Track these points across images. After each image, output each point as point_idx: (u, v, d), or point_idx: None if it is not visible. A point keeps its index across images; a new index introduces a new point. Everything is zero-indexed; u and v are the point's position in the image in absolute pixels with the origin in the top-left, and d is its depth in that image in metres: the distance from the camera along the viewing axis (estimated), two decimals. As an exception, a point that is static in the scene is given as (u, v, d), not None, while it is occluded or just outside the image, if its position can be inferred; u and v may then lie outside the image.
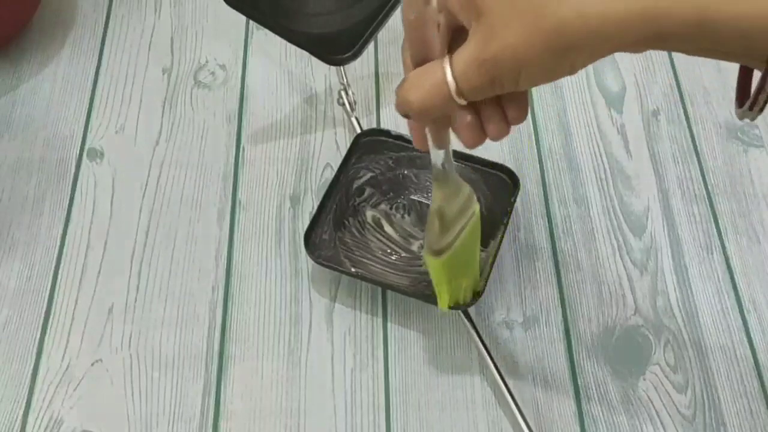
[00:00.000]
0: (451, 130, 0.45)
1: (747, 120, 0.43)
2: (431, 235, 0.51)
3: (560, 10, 0.37)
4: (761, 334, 0.63)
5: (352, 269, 0.62)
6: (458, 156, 0.67)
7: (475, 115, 0.43)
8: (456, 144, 0.45)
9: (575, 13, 0.37)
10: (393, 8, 0.65)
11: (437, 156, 0.47)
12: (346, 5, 0.65)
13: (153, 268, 0.65)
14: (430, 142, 0.46)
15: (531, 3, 0.38)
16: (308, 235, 0.63)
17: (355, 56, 0.65)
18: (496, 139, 0.44)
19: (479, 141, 0.44)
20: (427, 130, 0.45)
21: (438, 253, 0.52)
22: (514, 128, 0.44)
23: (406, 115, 0.42)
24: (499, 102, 0.43)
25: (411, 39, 0.41)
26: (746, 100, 0.40)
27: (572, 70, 0.39)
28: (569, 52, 0.38)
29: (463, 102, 0.40)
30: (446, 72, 0.40)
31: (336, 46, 0.65)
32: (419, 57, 0.41)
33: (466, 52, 0.39)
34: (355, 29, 0.65)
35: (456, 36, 0.41)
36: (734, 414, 0.59)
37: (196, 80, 0.76)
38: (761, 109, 0.40)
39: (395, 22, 0.69)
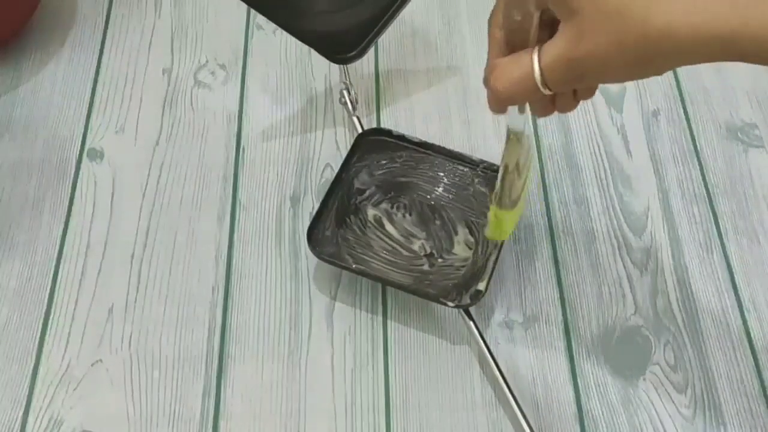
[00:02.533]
0: None
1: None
2: (509, 190, 0.53)
3: (648, 23, 0.39)
4: (761, 334, 0.63)
5: (354, 266, 0.62)
6: (460, 158, 0.67)
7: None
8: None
9: (663, 29, 0.39)
10: (400, 8, 0.65)
11: (516, 121, 0.50)
12: (352, 3, 0.65)
13: (153, 268, 0.65)
14: (510, 112, 0.49)
15: (620, 11, 0.39)
16: (311, 232, 0.63)
17: (359, 55, 0.65)
18: (563, 112, 0.48)
19: (549, 114, 0.48)
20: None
21: (515, 204, 0.54)
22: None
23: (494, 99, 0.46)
24: None
25: (511, 31, 0.44)
26: None
27: (659, 73, 0.42)
28: (656, 60, 0.40)
29: (547, 92, 0.43)
30: (534, 66, 0.42)
31: (341, 45, 0.65)
32: (513, 47, 0.44)
33: (555, 49, 0.41)
34: (361, 28, 0.65)
35: (545, 26, 0.44)
36: (734, 414, 0.59)
37: (196, 80, 0.76)
38: None
39: (399, 22, 0.69)
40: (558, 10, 0.41)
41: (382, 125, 0.73)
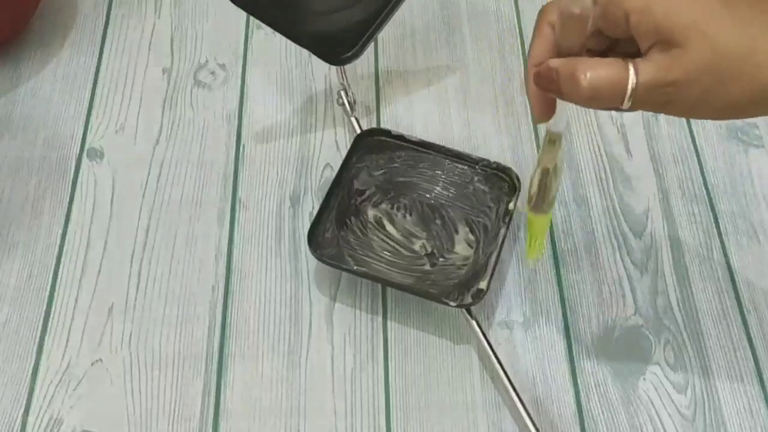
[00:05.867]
0: None
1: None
2: (545, 193, 0.52)
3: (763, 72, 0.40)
4: (761, 334, 0.63)
5: (356, 268, 0.62)
6: (460, 156, 0.67)
7: None
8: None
9: None
10: (395, 8, 0.65)
11: (559, 124, 0.48)
12: (347, 4, 0.65)
13: (153, 268, 0.65)
14: (558, 114, 0.47)
15: (737, 56, 0.40)
16: (311, 234, 0.63)
17: (356, 56, 0.65)
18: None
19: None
20: (559, 102, 0.46)
21: (551, 206, 0.53)
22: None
23: (552, 90, 0.44)
24: None
25: (567, 29, 0.42)
26: None
27: (745, 117, 0.44)
28: (752, 108, 0.42)
29: (628, 106, 0.42)
30: (630, 77, 0.41)
31: (337, 46, 0.65)
32: (567, 49, 0.43)
33: (652, 70, 0.41)
34: (357, 29, 0.65)
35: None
36: (734, 414, 0.59)
37: (196, 80, 0.76)
38: None
39: (398, 22, 0.69)
40: (652, 36, 0.41)
41: (382, 125, 0.73)
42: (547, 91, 0.45)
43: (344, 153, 0.68)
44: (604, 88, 0.42)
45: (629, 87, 0.41)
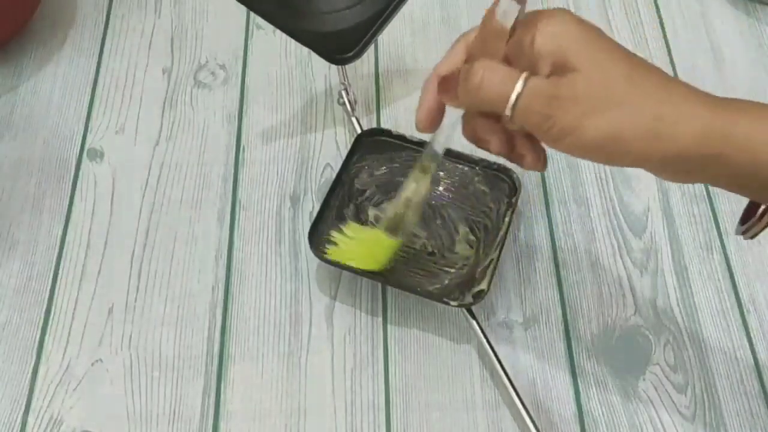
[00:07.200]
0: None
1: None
2: (404, 221, 0.57)
3: (643, 114, 0.41)
4: (761, 334, 0.63)
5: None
6: (460, 157, 0.67)
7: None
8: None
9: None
10: (397, 8, 0.65)
11: (438, 145, 0.51)
12: (350, 4, 0.65)
13: (153, 268, 0.65)
14: (440, 133, 0.50)
15: (625, 92, 0.42)
16: (312, 233, 0.63)
17: (357, 55, 0.65)
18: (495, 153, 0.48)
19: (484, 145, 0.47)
20: (449, 114, 0.49)
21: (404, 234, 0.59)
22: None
23: (449, 91, 0.46)
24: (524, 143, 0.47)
25: (484, 40, 0.45)
26: (749, 220, 0.46)
27: (621, 164, 0.44)
28: (625, 156, 0.43)
29: (508, 114, 0.43)
30: (519, 82, 0.43)
31: (339, 45, 0.65)
32: (479, 55, 0.45)
33: (542, 82, 0.43)
34: (359, 28, 0.65)
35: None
36: (734, 414, 0.59)
37: (196, 80, 0.76)
38: (756, 234, 0.47)
39: (398, 21, 0.69)
40: (551, 57, 0.43)
41: (382, 125, 0.73)
42: (444, 93, 0.47)
43: (344, 153, 0.68)
44: (494, 83, 0.44)
45: (517, 87, 0.43)
